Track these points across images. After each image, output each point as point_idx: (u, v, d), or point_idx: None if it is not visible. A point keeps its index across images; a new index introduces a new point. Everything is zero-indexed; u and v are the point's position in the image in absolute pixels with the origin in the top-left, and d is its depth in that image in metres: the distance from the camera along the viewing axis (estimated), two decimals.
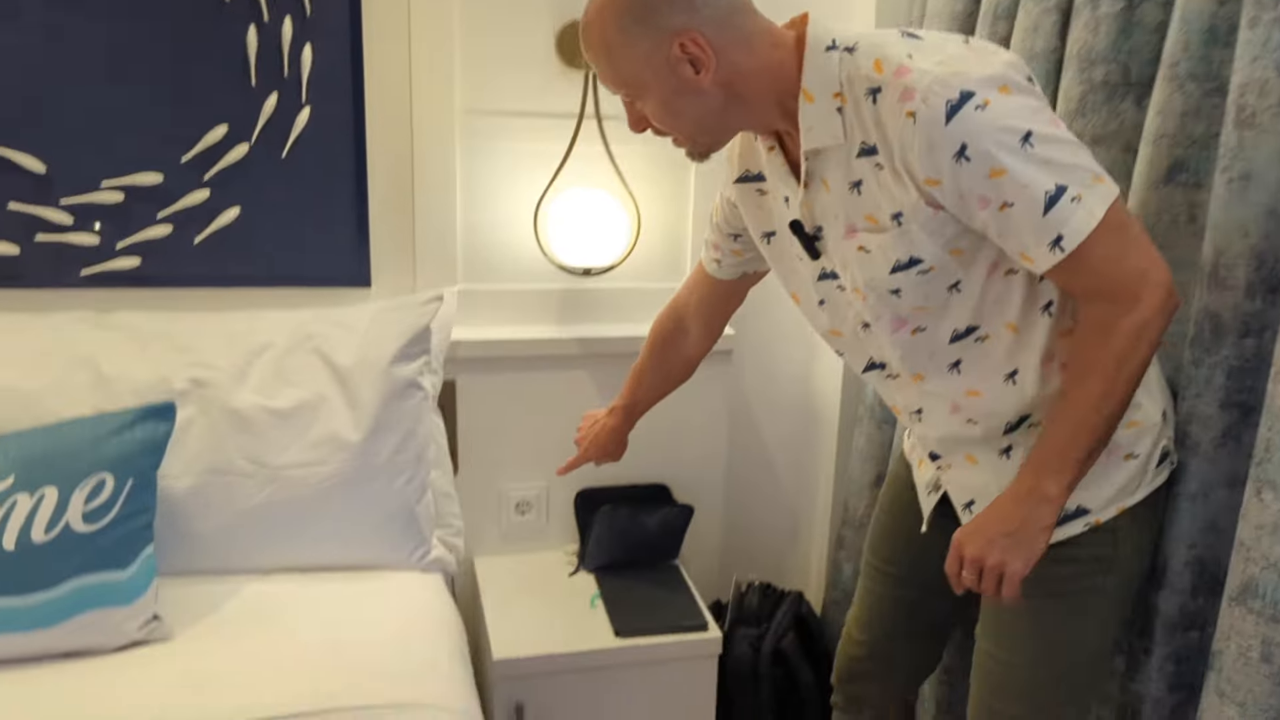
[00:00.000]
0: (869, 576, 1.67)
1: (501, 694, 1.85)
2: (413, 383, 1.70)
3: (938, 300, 1.27)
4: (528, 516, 2.17)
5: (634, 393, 1.74)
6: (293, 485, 1.62)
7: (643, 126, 1.28)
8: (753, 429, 2.34)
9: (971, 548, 1.25)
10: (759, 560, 2.43)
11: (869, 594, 1.67)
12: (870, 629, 1.67)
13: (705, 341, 1.68)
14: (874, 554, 1.66)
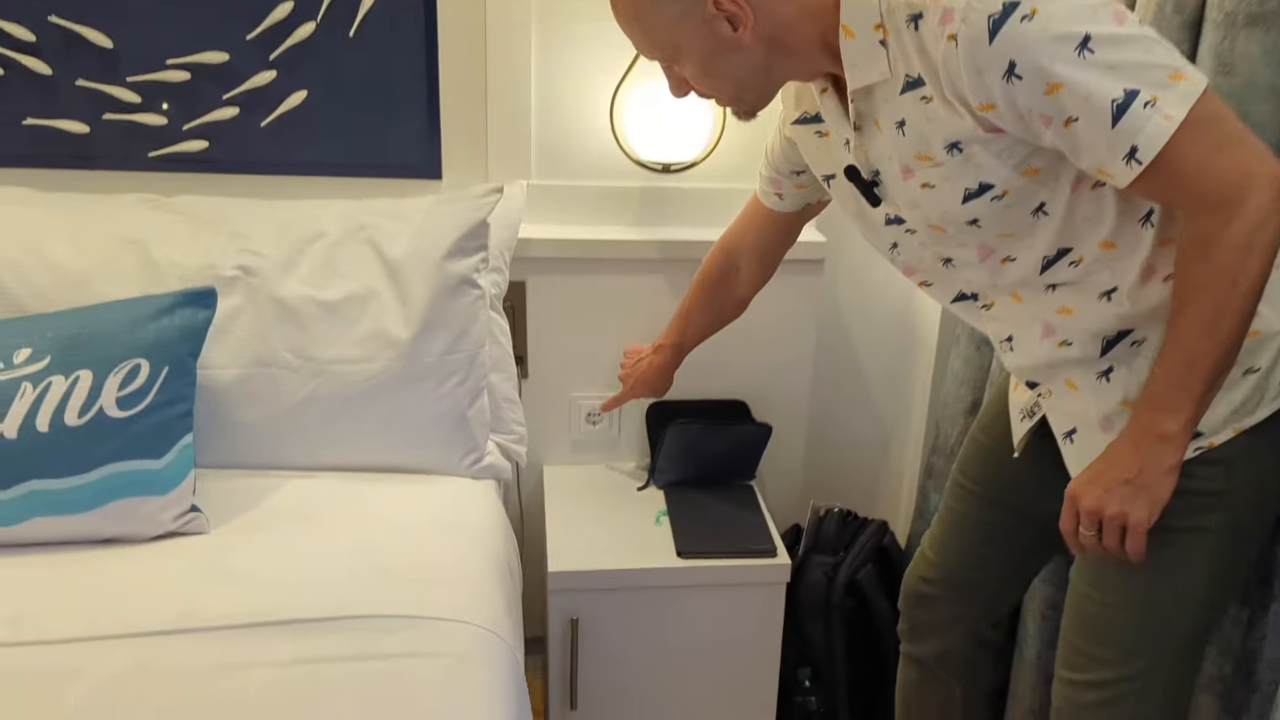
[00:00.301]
0: (953, 494, 1.56)
1: (557, 607, 1.78)
2: (467, 280, 1.61)
3: (1022, 226, 1.17)
4: (599, 427, 2.08)
5: (681, 332, 1.72)
6: (338, 381, 1.55)
7: (685, 90, 1.22)
8: (842, 345, 2.18)
9: (1088, 499, 1.13)
10: (841, 486, 2.29)
11: (951, 513, 1.56)
12: (946, 550, 1.56)
13: (759, 280, 1.64)
14: (963, 472, 1.54)
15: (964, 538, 1.54)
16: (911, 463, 2.16)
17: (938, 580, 1.59)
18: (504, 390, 1.81)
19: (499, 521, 1.55)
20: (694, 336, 1.74)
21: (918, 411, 2.14)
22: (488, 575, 1.38)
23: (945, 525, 1.57)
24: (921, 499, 2.05)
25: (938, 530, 1.59)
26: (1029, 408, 1.38)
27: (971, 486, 1.52)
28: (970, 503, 1.52)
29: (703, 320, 1.71)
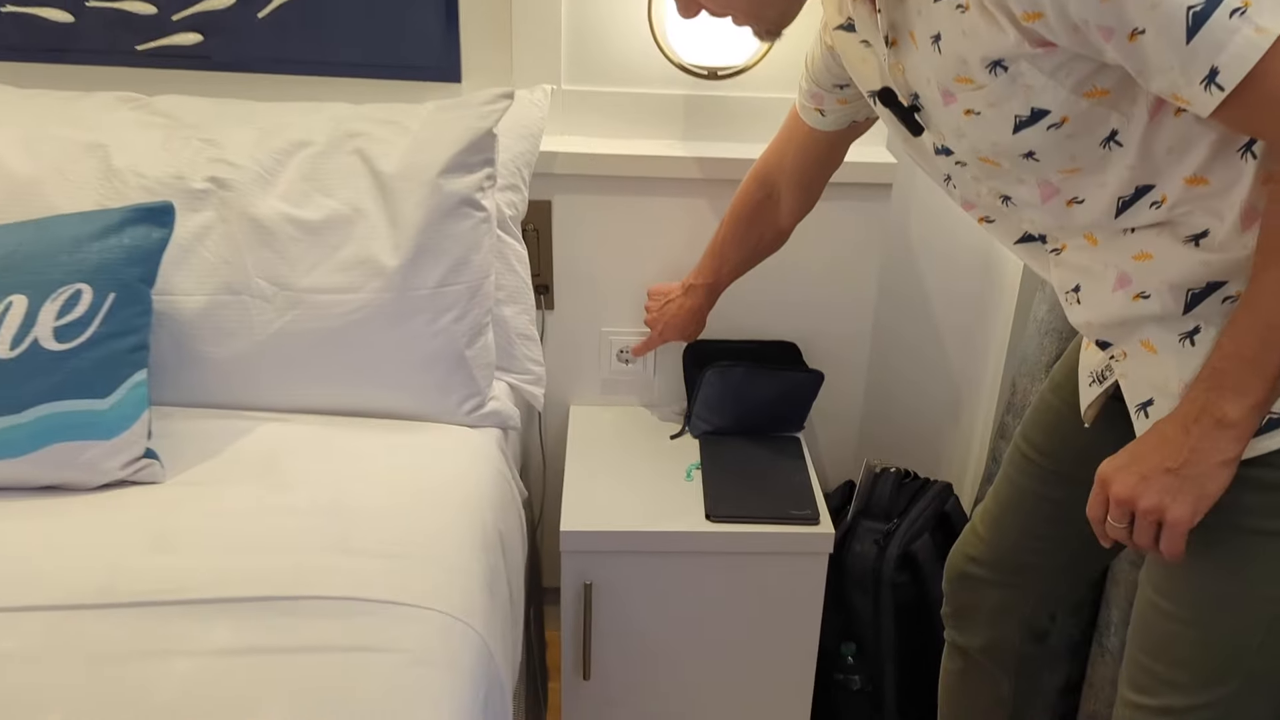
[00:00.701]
0: (1013, 463, 1.35)
1: (569, 570, 1.59)
2: (467, 200, 1.39)
3: (1090, 160, 0.97)
4: (632, 366, 1.87)
5: (715, 271, 1.55)
6: (318, 313, 1.36)
7: (694, 10, 1.05)
8: (910, 284, 1.92)
9: (1120, 485, 0.97)
10: (901, 443, 2.05)
11: (1009, 484, 1.35)
12: (1000, 527, 1.36)
13: (800, 208, 1.45)
14: (1026, 439, 1.33)
15: (1022, 515, 1.33)
16: (983, 421, 1.92)
17: (988, 562, 1.38)
18: (519, 325, 1.61)
19: (496, 480, 1.36)
20: (729, 274, 1.55)
21: (993, 363, 1.88)
22: (469, 550, 1.19)
23: (1001, 498, 1.36)
24: (992, 462, 1.81)
25: (992, 503, 1.38)
26: (1100, 371, 1.16)
27: (1035, 456, 1.31)
28: (1032, 474, 1.31)
29: (737, 256, 1.51)
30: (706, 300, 1.60)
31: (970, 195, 1.12)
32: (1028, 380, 1.70)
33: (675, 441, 1.80)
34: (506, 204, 1.58)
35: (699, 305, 1.60)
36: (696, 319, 1.62)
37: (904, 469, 1.83)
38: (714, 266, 1.54)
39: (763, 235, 1.48)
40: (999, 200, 1.09)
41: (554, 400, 1.90)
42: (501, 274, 1.58)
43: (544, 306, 1.81)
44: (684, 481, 1.68)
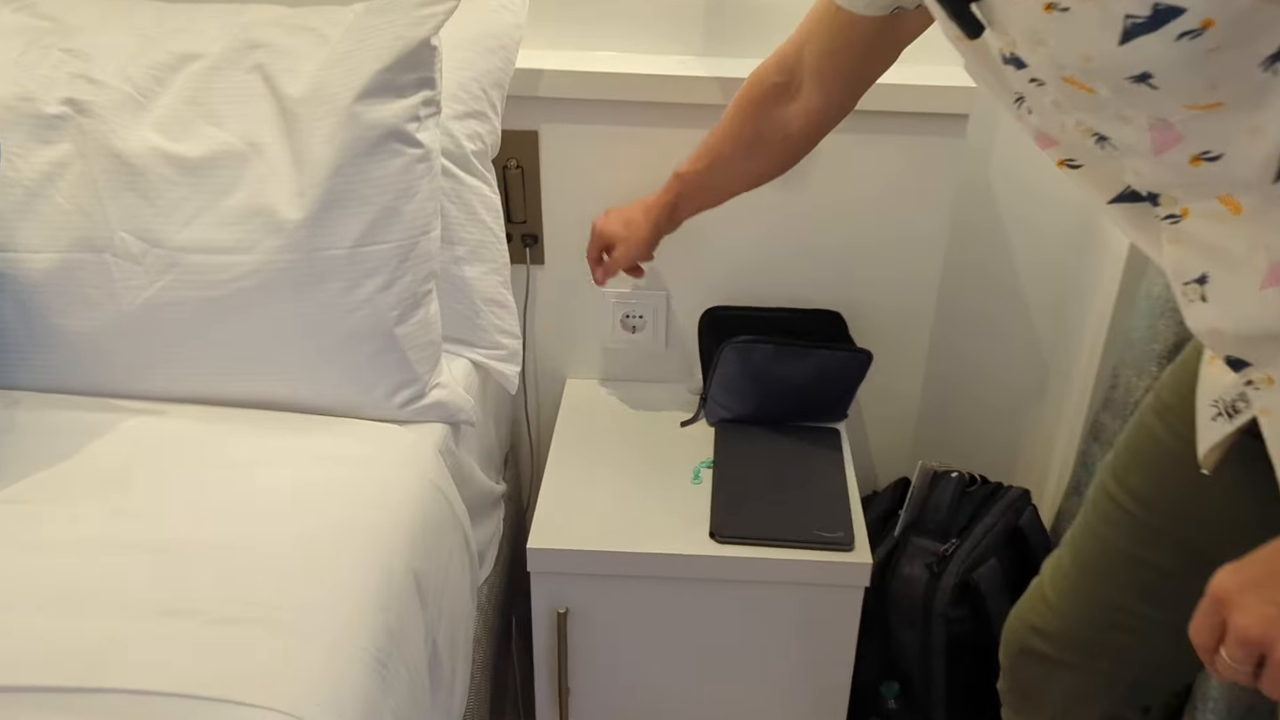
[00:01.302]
0: (1099, 509, 1.02)
1: (540, 594, 1.29)
2: (394, 132, 1.07)
3: (1238, 90, 0.62)
4: (639, 335, 1.54)
5: (695, 165, 1.19)
6: (198, 278, 1.06)
7: None
8: (987, 242, 1.55)
9: (1246, 617, 0.66)
10: (967, 439, 1.69)
11: (1091, 536, 1.03)
12: (1078, 594, 1.04)
13: (821, 112, 1.07)
14: (1117, 478, 0.99)
15: (1110, 582, 1.01)
16: (1071, 415, 1.54)
17: (1059, 636, 1.06)
18: (486, 288, 1.29)
19: (424, 500, 1.05)
20: (713, 180, 1.19)
21: (1089, 345, 1.50)
22: (358, 610, 0.88)
23: (1082, 554, 1.04)
24: (1081, 468, 1.45)
25: (1069, 559, 1.05)
26: (1230, 401, 0.83)
27: (1129, 503, 0.98)
28: (1125, 528, 0.98)
29: (730, 151, 1.14)
30: (676, 200, 1.22)
31: (1050, 126, 0.78)
32: (1133, 372, 1.33)
33: (686, 430, 1.47)
34: (469, 135, 1.24)
35: (656, 200, 1.23)
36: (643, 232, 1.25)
37: (969, 473, 1.48)
38: (698, 158, 1.18)
39: (764, 133, 1.10)
40: (1090, 139, 0.75)
41: (548, 372, 1.58)
42: (461, 225, 1.25)
43: (531, 260, 1.49)
44: (690, 484, 1.36)
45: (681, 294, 1.51)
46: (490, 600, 1.38)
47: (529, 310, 1.53)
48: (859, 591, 1.28)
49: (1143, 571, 0.98)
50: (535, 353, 1.56)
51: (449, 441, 1.18)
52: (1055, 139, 0.80)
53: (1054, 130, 0.79)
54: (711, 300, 1.51)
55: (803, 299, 1.50)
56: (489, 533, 1.37)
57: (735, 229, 1.45)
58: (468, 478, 1.24)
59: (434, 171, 1.11)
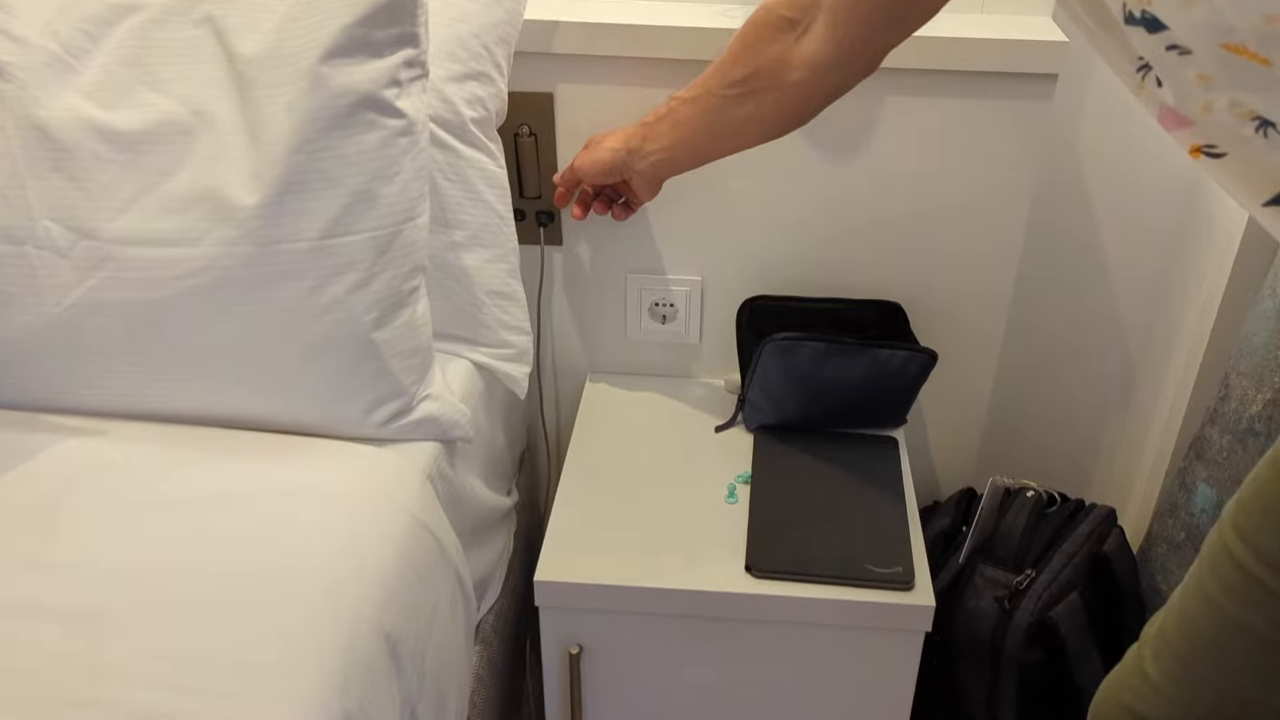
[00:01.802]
0: (1219, 575, 0.82)
1: (550, 631, 1.13)
2: (369, 100, 0.88)
3: None
4: (670, 326, 1.36)
5: (676, 104, 1.03)
6: (137, 275, 0.89)
7: None
8: (1075, 223, 1.34)
9: None
10: (1042, 446, 1.49)
11: (1208, 606, 0.83)
12: (1189, 679, 0.85)
13: (828, 65, 0.89)
14: (1242, 537, 0.80)
15: (1231, 666, 0.82)
16: (1163, 424, 1.34)
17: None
18: (489, 278, 1.11)
19: (406, 538, 0.88)
20: (692, 126, 1.02)
21: (1188, 345, 1.30)
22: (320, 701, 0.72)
23: (1195, 628, 0.84)
24: (1179, 489, 1.25)
25: (1177, 633, 0.86)
26: None
27: (1261, 572, 0.79)
28: (1254, 603, 0.79)
29: (717, 89, 0.98)
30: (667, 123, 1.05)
31: (1188, 106, 0.60)
32: (1249, 383, 1.13)
33: (721, 437, 1.29)
34: (468, 100, 1.06)
35: (634, 130, 1.08)
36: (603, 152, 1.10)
37: (1047, 491, 1.28)
38: (675, 106, 1.03)
39: (756, 74, 0.93)
40: (1249, 124, 0.57)
41: (566, 367, 1.41)
42: (459, 206, 1.08)
43: (547, 241, 1.30)
44: (724, 503, 1.18)
45: (718, 280, 1.32)
46: (497, 630, 1.22)
47: (544, 297, 1.35)
48: (918, 637, 1.10)
49: (1274, 653, 0.79)
50: (552, 345, 1.39)
51: (441, 462, 1.01)
52: (1192, 120, 0.61)
53: (1193, 109, 0.60)
54: (752, 288, 1.32)
55: (857, 288, 1.30)
56: (495, 554, 1.20)
57: (780, 206, 1.25)
58: (466, 499, 1.07)
59: (419, 147, 0.93)
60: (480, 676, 1.15)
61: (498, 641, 1.22)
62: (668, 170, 1.09)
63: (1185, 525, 1.24)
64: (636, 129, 1.08)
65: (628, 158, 1.08)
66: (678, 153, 1.06)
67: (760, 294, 1.31)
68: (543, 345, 1.39)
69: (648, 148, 1.07)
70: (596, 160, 1.11)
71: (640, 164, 1.08)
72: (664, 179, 1.12)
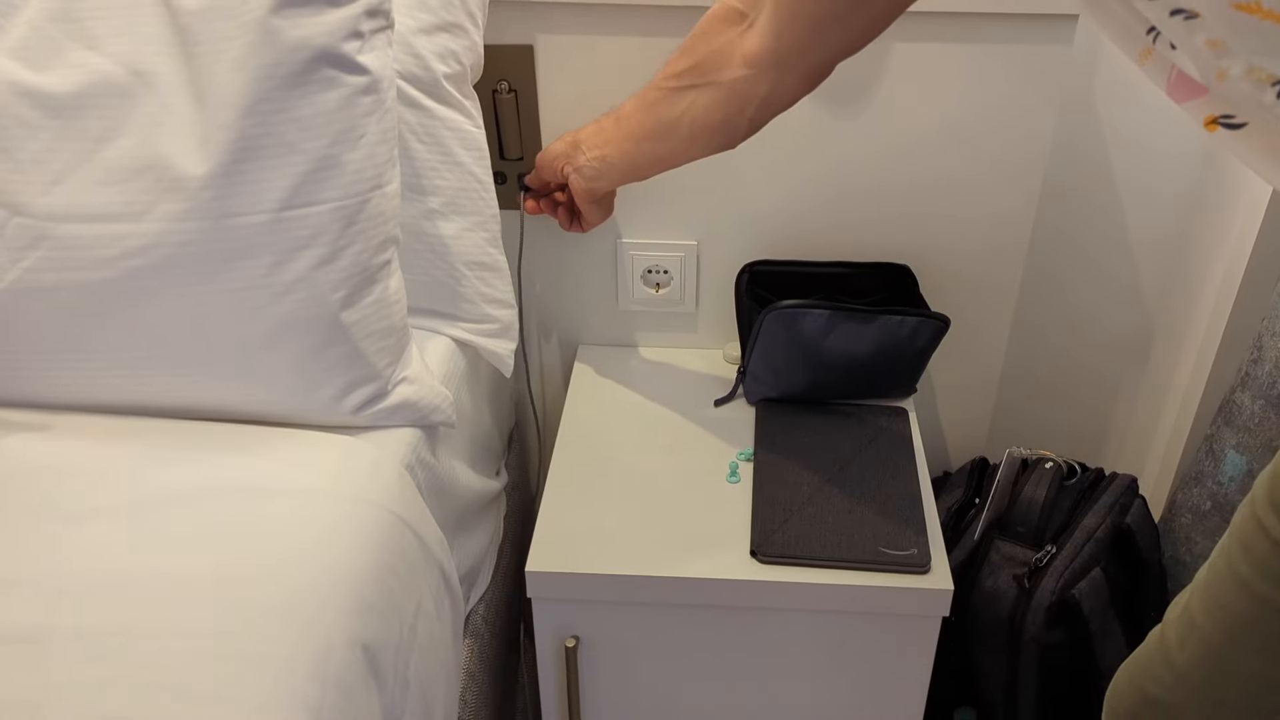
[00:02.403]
0: (1253, 556, 0.75)
1: (543, 622, 1.06)
2: (328, 56, 0.80)
3: None
4: (664, 293, 1.28)
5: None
6: (77, 254, 0.80)
7: None
8: (1093, 175, 1.26)
9: None
10: (1061, 419, 1.42)
11: (1240, 590, 0.76)
12: (1218, 665, 0.78)
13: (767, 60, 0.83)
14: (1277, 510, 0.72)
15: (1265, 652, 0.76)
16: (1187, 392, 1.27)
17: (1184, 713, 0.81)
18: (468, 248, 1.03)
19: (383, 542, 0.80)
20: (641, 108, 0.96)
21: (1211, 304, 1.22)
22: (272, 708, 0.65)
23: (1226, 612, 0.78)
24: (1207, 457, 1.18)
25: (1204, 617, 0.79)
26: None
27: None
28: None
29: (674, 67, 0.91)
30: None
31: (1202, 69, 0.52)
32: None
33: (721, 411, 1.21)
34: (440, 55, 0.97)
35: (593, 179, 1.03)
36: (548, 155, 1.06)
37: (1067, 461, 1.22)
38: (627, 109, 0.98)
39: (700, 65, 0.88)
40: (1270, 89, 0.50)
41: (556, 339, 1.33)
42: (434, 170, 0.99)
43: None
44: (725, 483, 1.11)
45: (715, 244, 1.24)
46: (488, 621, 1.15)
47: (529, 266, 1.27)
48: (935, 622, 1.03)
49: None
50: (539, 317, 1.31)
51: (421, 450, 0.93)
52: (1204, 87, 0.54)
53: (1206, 74, 0.53)
54: (752, 253, 1.24)
55: (863, 250, 1.23)
56: (483, 542, 1.13)
57: (780, 163, 1.17)
58: (450, 487, 1.00)
59: (385, 107, 0.85)
60: (471, 672, 1.08)
61: (489, 633, 1.15)
62: (603, 176, 1.02)
63: (1212, 494, 1.18)
64: (594, 125, 1.02)
65: (570, 151, 1.03)
66: (610, 153, 1.00)
67: (760, 258, 1.23)
68: (528, 317, 1.31)
69: (588, 143, 1.01)
70: (546, 149, 1.07)
71: (579, 160, 1.02)
72: (601, 191, 1.05)
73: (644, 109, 0.95)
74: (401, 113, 0.95)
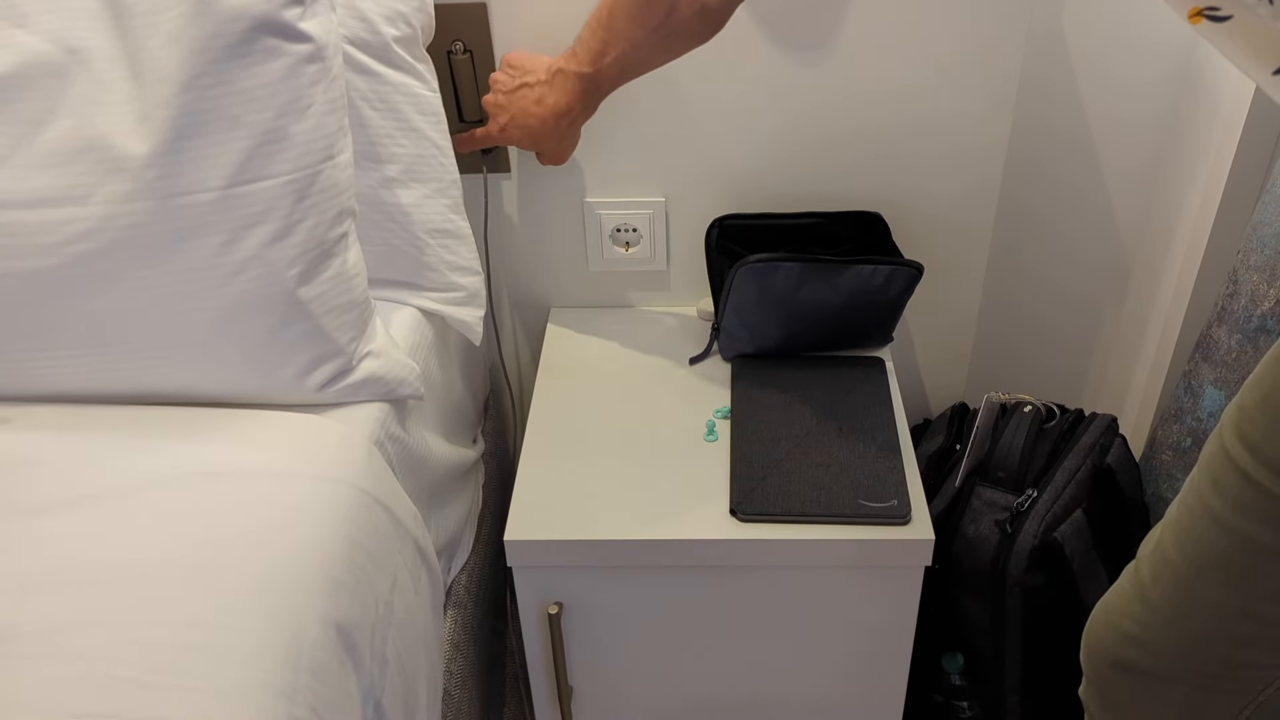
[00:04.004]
0: (1222, 486, 0.76)
1: (525, 590, 1.05)
2: (268, 24, 0.77)
3: None
4: (634, 252, 1.26)
5: (599, 47, 0.98)
6: (19, 241, 0.78)
7: None
8: (1063, 109, 1.24)
9: None
10: (1040, 360, 1.41)
11: (1211, 521, 0.77)
12: (1190, 598, 0.79)
13: None
14: (1247, 444, 0.73)
15: (1239, 582, 0.76)
16: (1165, 328, 1.26)
17: (1165, 650, 0.82)
18: (429, 215, 1.01)
19: (354, 519, 0.79)
20: (629, 62, 0.97)
21: (1188, 237, 1.21)
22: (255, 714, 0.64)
23: (1198, 545, 0.78)
24: (1185, 393, 1.18)
25: (1176, 550, 0.80)
26: None
27: (1269, 480, 0.72)
28: (1260, 513, 0.73)
29: (643, 29, 0.93)
30: (580, 97, 1.01)
31: None
32: (1261, 278, 1.04)
33: (697, 369, 1.20)
34: (387, 17, 0.95)
35: (568, 105, 1.01)
36: (560, 126, 1.04)
37: (1045, 404, 1.21)
38: (596, 49, 0.97)
39: (669, 14, 0.91)
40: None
41: (526, 302, 1.31)
42: (389, 138, 0.97)
43: (492, 169, 1.20)
44: (703, 441, 1.10)
45: (683, 199, 1.22)
46: (471, 591, 1.15)
47: (495, 231, 1.24)
48: (918, 572, 1.03)
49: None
50: (507, 281, 1.29)
51: (390, 424, 0.91)
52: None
53: None
54: (721, 207, 1.22)
55: (833, 199, 1.21)
56: (462, 512, 1.12)
57: (745, 116, 1.15)
58: (423, 459, 0.98)
59: (332, 75, 0.82)
60: (456, 643, 1.07)
61: (472, 603, 1.15)
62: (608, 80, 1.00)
63: (1191, 430, 1.17)
64: (565, 97, 1.02)
65: (586, 101, 1.02)
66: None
67: (729, 212, 1.21)
68: (496, 282, 1.29)
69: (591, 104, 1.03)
70: (549, 151, 1.08)
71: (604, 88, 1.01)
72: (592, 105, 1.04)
73: (623, 43, 0.95)
74: (351, 79, 0.92)
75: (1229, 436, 0.75)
